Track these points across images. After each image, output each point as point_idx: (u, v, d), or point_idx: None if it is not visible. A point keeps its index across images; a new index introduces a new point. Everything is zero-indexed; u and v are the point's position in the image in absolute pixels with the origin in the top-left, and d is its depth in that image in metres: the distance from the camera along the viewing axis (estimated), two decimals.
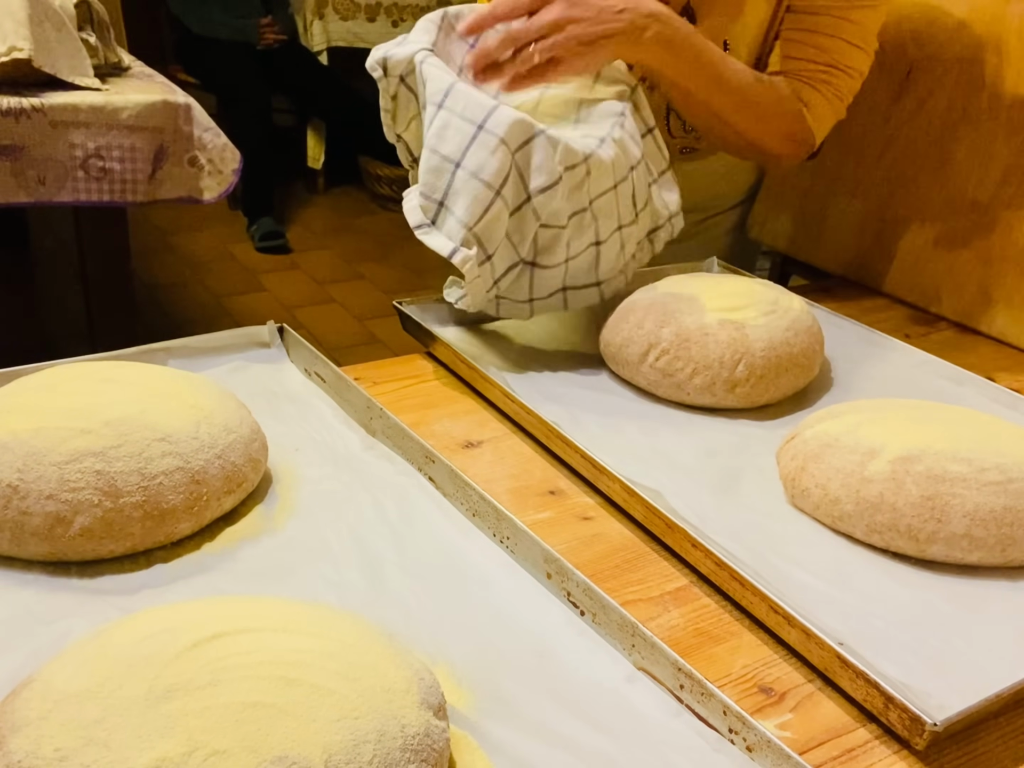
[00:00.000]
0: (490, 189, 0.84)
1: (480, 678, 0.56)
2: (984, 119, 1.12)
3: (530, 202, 0.87)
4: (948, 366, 0.96)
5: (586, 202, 0.90)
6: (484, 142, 0.83)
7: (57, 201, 1.58)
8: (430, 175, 0.86)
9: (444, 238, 0.86)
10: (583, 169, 0.88)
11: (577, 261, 0.92)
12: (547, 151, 0.85)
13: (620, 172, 0.92)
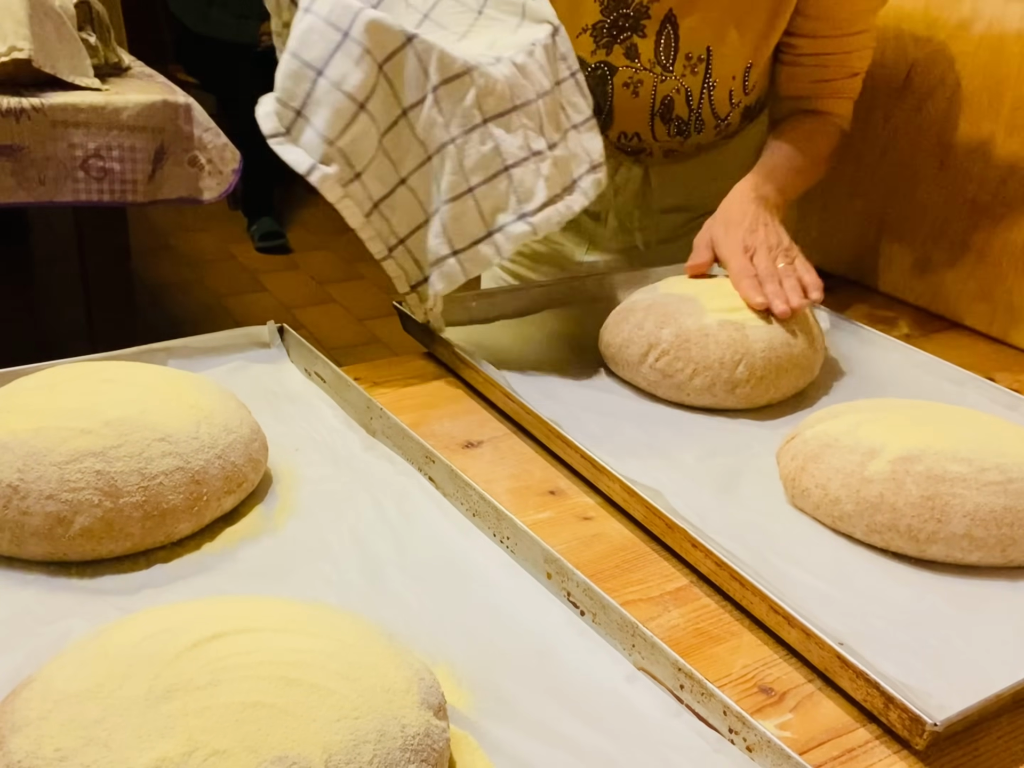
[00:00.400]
0: (353, 102, 0.80)
1: (480, 678, 0.56)
2: (984, 119, 1.12)
3: (406, 117, 0.82)
4: (948, 366, 0.96)
5: (478, 119, 0.84)
6: (348, 50, 0.79)
7: (57, 201, 1.58)
8: (289, 80, 0.81)
9: (301, 152, 0.81)
10: (467, 81, 0.82)
11: (486, 189, 0.86)
12: (418, 61, 0.81)
13: (522, 95, 0.86)
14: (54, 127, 1.52)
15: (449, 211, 0.85)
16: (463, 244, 0.86)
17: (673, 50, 1.03)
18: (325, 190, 0.82)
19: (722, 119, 1.08)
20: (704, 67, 1.03)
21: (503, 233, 0.87)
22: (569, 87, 0.93)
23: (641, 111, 1.07)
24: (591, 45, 1.04)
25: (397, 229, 0.88)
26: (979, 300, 1.12)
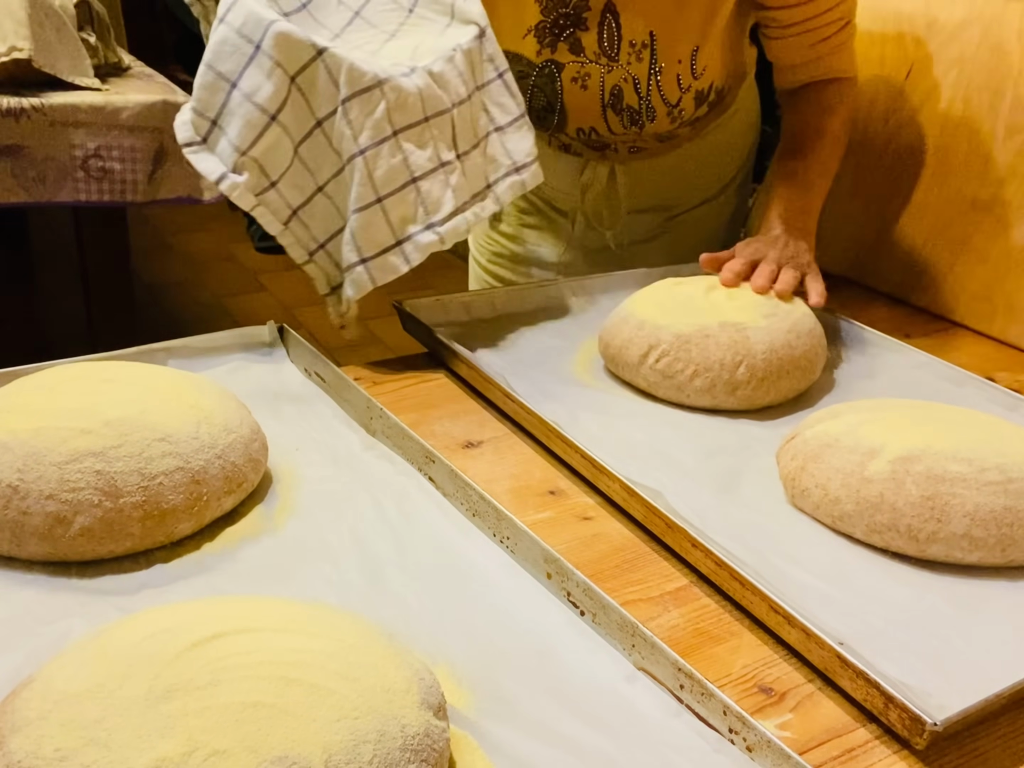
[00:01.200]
0: (264, 114, 0.82)
1: (480, 678, 0.56)
2: (984, 119, 1.12)
3: (320, 128, 0.84)
4: (948, 367, 0.96)
5: (388, 131, 0.85)
6: (260, 63, 0.81)
7: (57, 201, 1.58)
8: (204, 92, 0.83)
9: (214, 161, 0.83)
10: (377, 94, 0.84)
11: (395, 200, 0.87)
12: (328, 74, 0.82)
13: (435, 105, 0.88)
14: (54, 127, 1.52)
15: (358, 220, 0.86)
16: (371, 252, 0.88)
17: (616, 39, 1.03)
18: (236, 198, 0.83)
19: (673, 105, 1.07)
20: (649, 53, 1.03)
21: (412, 243, 0.89)
22: (496, 88, 0.94)
23: (592, 104, 1.07)
24: (536, 45, 1.04)
25: (316, 234, 0.90)
26: (979, 300, 1.12)
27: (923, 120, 1.17)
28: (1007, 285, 1.10)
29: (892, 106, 1.20)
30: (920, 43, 1.18)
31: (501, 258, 1.28)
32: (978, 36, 1.12)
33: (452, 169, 0.90)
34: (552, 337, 0.99)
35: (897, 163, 1.20)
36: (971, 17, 1.13)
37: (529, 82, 1.07)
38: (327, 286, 0.93)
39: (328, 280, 0.93)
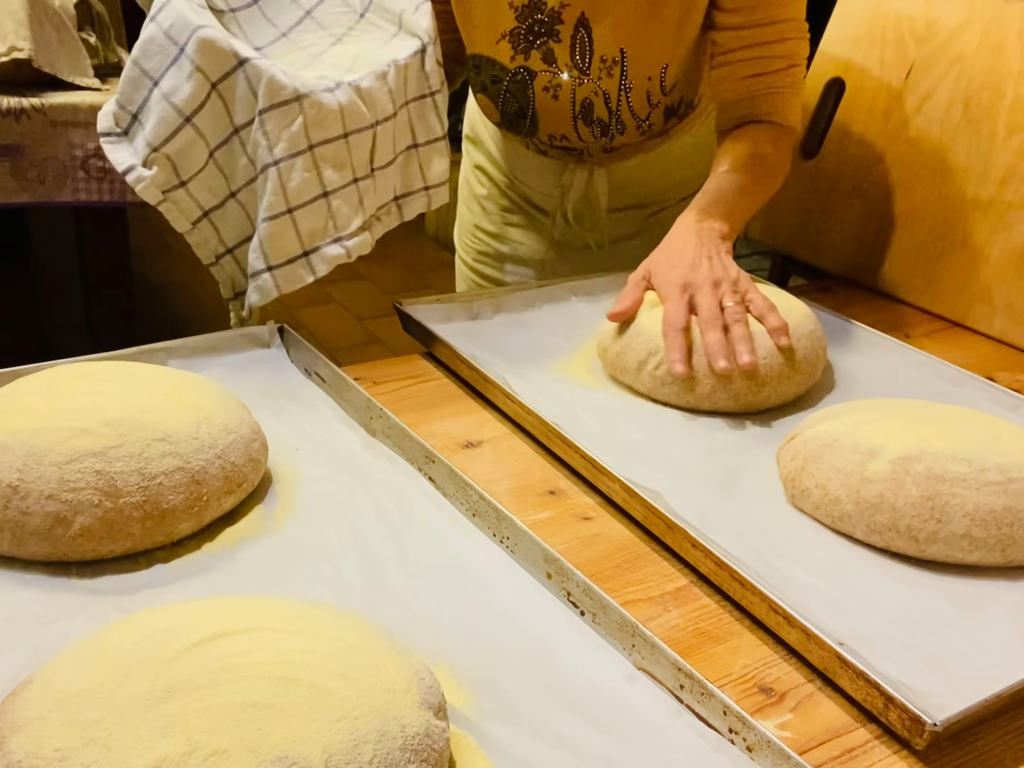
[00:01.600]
0: (180, 114, 0.84)
1: (480, 678, 0.56)
2: (984, 119, 1.12)
3: (238, 135, 0.86)
4: (948, 366, 0.96)
5: (304, 145, 0.87)
6: (181, 65, 0.83)
7: (57, 201, 1.58)
8: (128, 86, 0.86)
9: (127, 153, 0.86)
10: (296, 109, 0.85)
11: (305, 212, 0.89)
12: (248, 84, 0.84)
13: (356, 122, 0.89)
14: (54, 127, 1.52)
15: (267, 229, 0.88)
16: (279, 261, 0.89)
17: (588, 53, 1.03)
18: (141, 191, 0.85)
19: (642, 120, 1.07)
20: (619, 69, 1.03)
21: (319, 254, 0.90)
22: (427, 105, 0.96)
23: (563, 114, 1.07)
24: (510, 51, 1.05)
25: (225, 239, 0.92)
26: (979, 300, 1.12)
27: (923, 120, 1.17)
28: (1007, 285, 1.10)
29: (892, 106, 1.20)
30: (920, 43, 1.18)
31: (486, 256, 1.29)
32: (978, 36, 1.12)
33: (367, 187, 0.92)
34: (552, 337, 0.99)
35: (897, 163, 1.20)
36: (971, 17, 1.13)
37: (502, 87, 1.07)
38: (231, 291, 0.95)
39: (233, 285, 0.95)
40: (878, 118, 1.22)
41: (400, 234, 1.68)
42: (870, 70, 1.22)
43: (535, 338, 0.98)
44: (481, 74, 1.08)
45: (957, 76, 1.14)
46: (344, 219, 0.91)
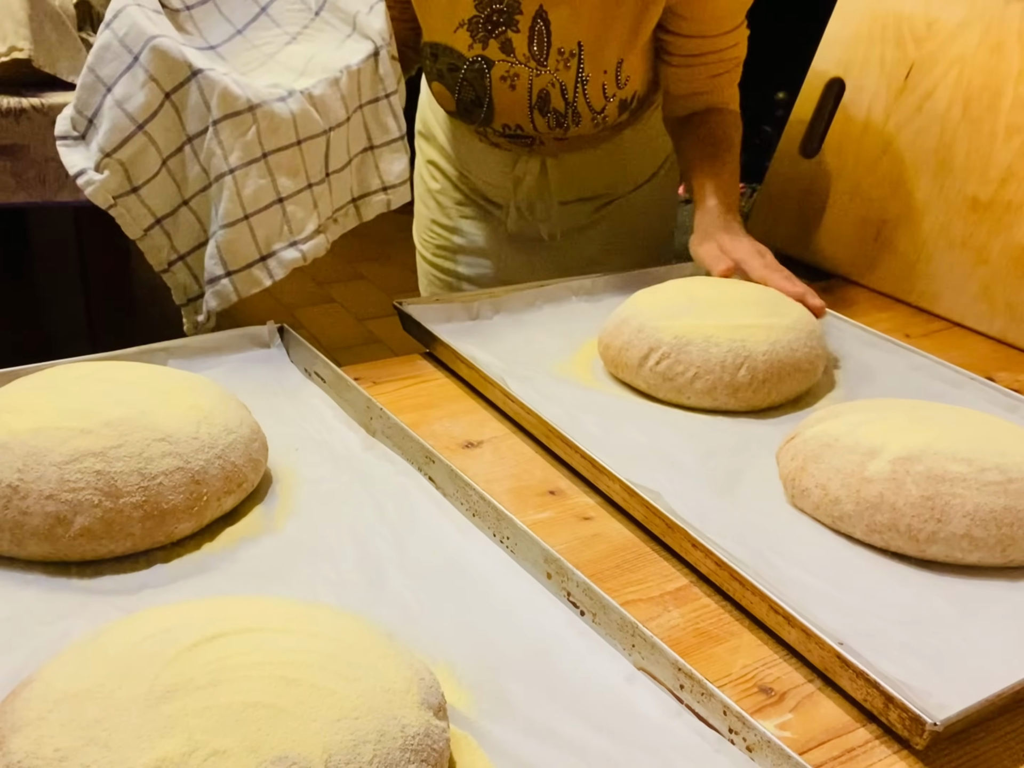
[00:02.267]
0: (132, 122, 0.85)
1: (480, 678, 0.56)
2: (984, 119, 1.12)
3: (191, 144, 0.87)
4: (948, 367, 0.96)
5: (258, 153, 0.88)
6: (135, 74, 0.84)
7: (57, 201, 1.58)
8: (83, 92, 0.87)
9: (80, 156, 0.87)
10: (249, 119, 0.87)
11: (261, 218, 0.90)
12: (200, 95, 0.85)
13: (309, 129, 0.90)
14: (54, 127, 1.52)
15: (224, 236, 0.89)
16: (237, 266, 0.91)
17: (546, 45, 1.04)
18: (91, 194, 0.87)
19: (598, 112, 1.09)
20: (576, 62, 1.05)
21: (276, 258, 0.92)
22: (382, 107, 0.97)
23: (520, 104, 1.08)
24: (468, 39, 1.05)
25: (178, 246, 0.93)
26: (979, 300, 1.12)
27: (923, 120, 1.17)
28: (1007, 285, 1.10)
29: (892, 106, 1.20)
30: (920, 43, 1.18)
31: (445, 251, 1.30)
32: (978, 36, 1.12)
33: (321, 192, 0.94)
34: (552, 337, 0.99)
35: (897, 163, 1.20)
36: (971, 17, 1.13)
37: (459, 75, 1.08)
38: (183, 296, 0.96)
39: (185, 291, 0.96)
40: (878, 118, 1.22)
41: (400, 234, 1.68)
42: (870, 70, 1.22)
43: (535, 338, 0.98)
44: (438, 62, 1.09)
45: (957, 76, 1.14)
46: (299, 223, 0.93)
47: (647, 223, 1.28)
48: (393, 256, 3.53)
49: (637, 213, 1.27)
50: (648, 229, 1.29)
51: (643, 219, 1.28)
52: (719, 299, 0.91)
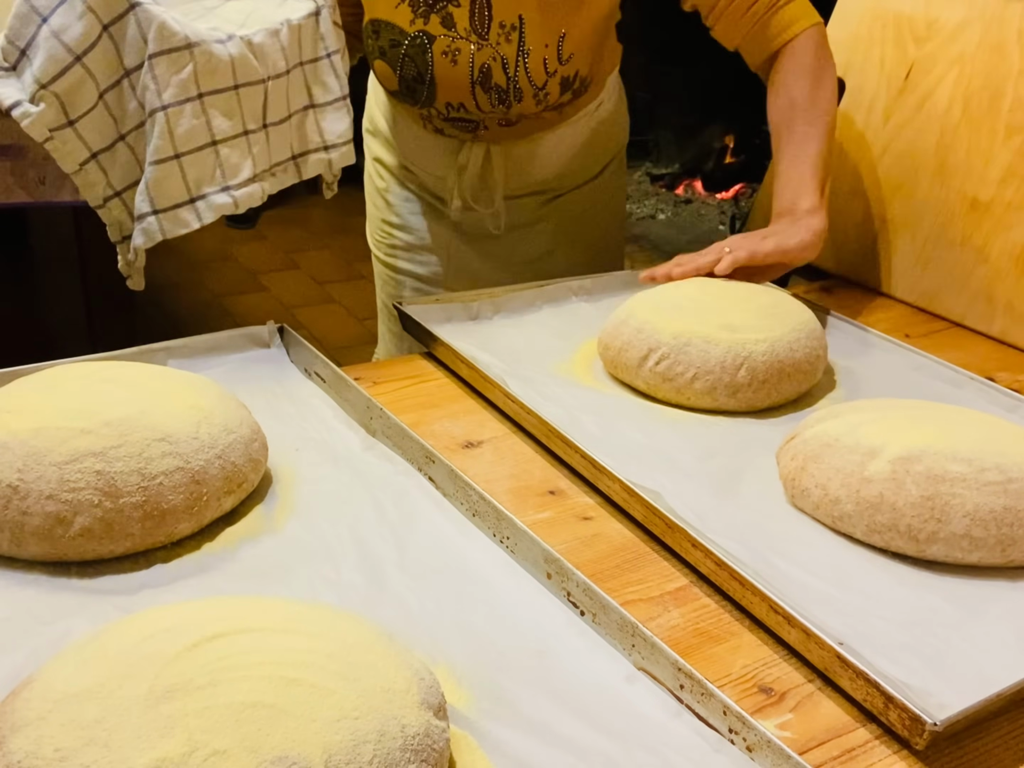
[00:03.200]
0: (70, 53, 0.84)
1: (480, 678, 0.56)
2: (984, 119, 1.12)
3: (128, 78, 0.86)
4: (948, 367, 0.96)
5: (193, 92, 0.87)
6: (72, 4, 0.84)
7: (57, 201, 1.58)
8: (17, 21, 0.86)
9: (14, 88, 0.86)
10: (187, 56, 0.86)
11: (193, 159, 0.89)
12: (138, 28, 0.85)
13: (247, 75, 0.90)
14: None
15: (153, 173, 0.88)
16: (164, 205, 0.89)
17: (487, 19, 1.03)
18: (27, 127, 0.86)
19: (539, 88, 1.08)
20: (518, 35, 1.04)
21: (205, 202, 0.91)
22: (323, 67, 0.97)
23: (461, 79, 1.07)
24: (409, 15, 1.05)
25: (113, 181, 0.92)
26: (979, 300, 1.12)
27: (923, 120, 1.17)
28: (1007, 285, 1.10)
29: (892, 106, 1.20)
30: (920, 43, 1.18)
31: (397, 249, 1.29)
32: (978, 36, 1.12)
33: (257, 140, 0.93)
34: (552, 337, 0.99)
35: (897, 163, 1.20)
36: (971, 17, 1.13)
37: (400, 51, 1.07)
38: (119, 234, 0.95)
39: (120, 228, 0.94)
40: (878, 118, 1.22)
41: None
42: (870, 70, 1.22)
43: (535, 338, 0.98)
44: (380, 39, 1.08)
45: (957, 76, 1.14)
46: (232, 168, 0.92)
47: (596, 218, 1.27)
48: None
49: (585, 208, 1.26)
50: (597, 225, 1.28)
51: (591, 214, 1.27)
52: (719, 300, 0.91)
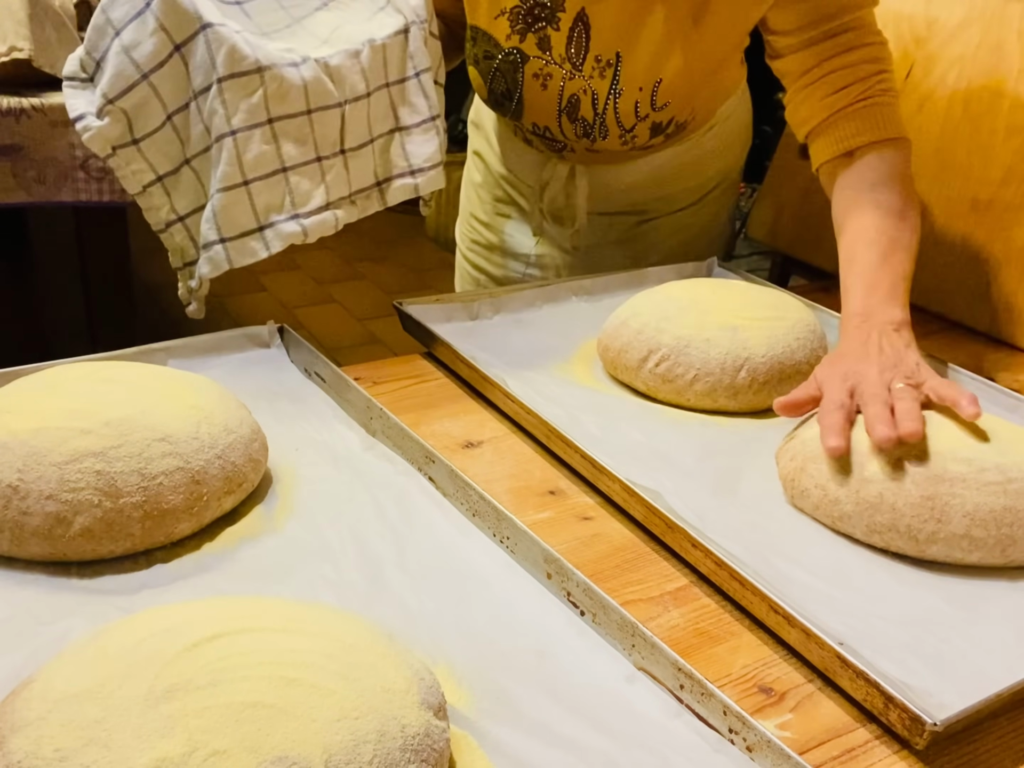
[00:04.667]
0: (137, 70, 0.83)
1: (480, 678, 0.56)
2: (984, 119, 1.12)
3: (196, 101, 0.85)
4: (948, 368, 0.96)
5: (263, 118, 0.85)
6: (145, 20, 0.83)
7: (57, 201, 1.58)
8: (94, 33, 0.86)
9: (83, 100, 0.85)
10: (257, 80, 0.84)
11: (262, 186, 0.87)
12: (207, 50, 0.83)
13: (321, 99, 0.87)
14: (54, 127, 1.52)
15: (220, 200, 0.86)
16: (232, 234, 0.87)
17: (584, 49, 1.01)
18: (88, 140, 0.84)
19: (627, 130, 1.04)
20: (612, 72, 1.01)
21: (274, 230, 0.88)
22: (411, 87, 0.93)
23: (549, 105, 1.05)
24: (507, 29, 1.03)
25: (177, 206, 0.90)
26: (979, 300, 1.12)
27: (923, 120, 1.17)
28: (1007, 285, 1.10)
29: None
30: (920, 43, 1.18)
31: (478, 246, 1.28)
32: (978, 36, 1.12)
33: (331, 165, 0.90)
34: (552, 337, 0.99)
35: None
36: (971, 17, 1.13)
37: (493, 64, 1.05)
38: (180, 260, 0.93)
39: (182, 255, 0.93)
40: None
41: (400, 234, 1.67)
42: None
43: (535, 338, 0.98)
44: (476, 46, 1.06)
45: (957, 76, 1.14)
46: (303, 196, 0.89)
47: (686, 245, 1.20)
48: (393, 256, 3.53)
49: (676, 234, 1.20)
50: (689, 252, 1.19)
51: (682, 241, 1.20)
52: (718, 301, 0.91)
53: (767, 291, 0.96)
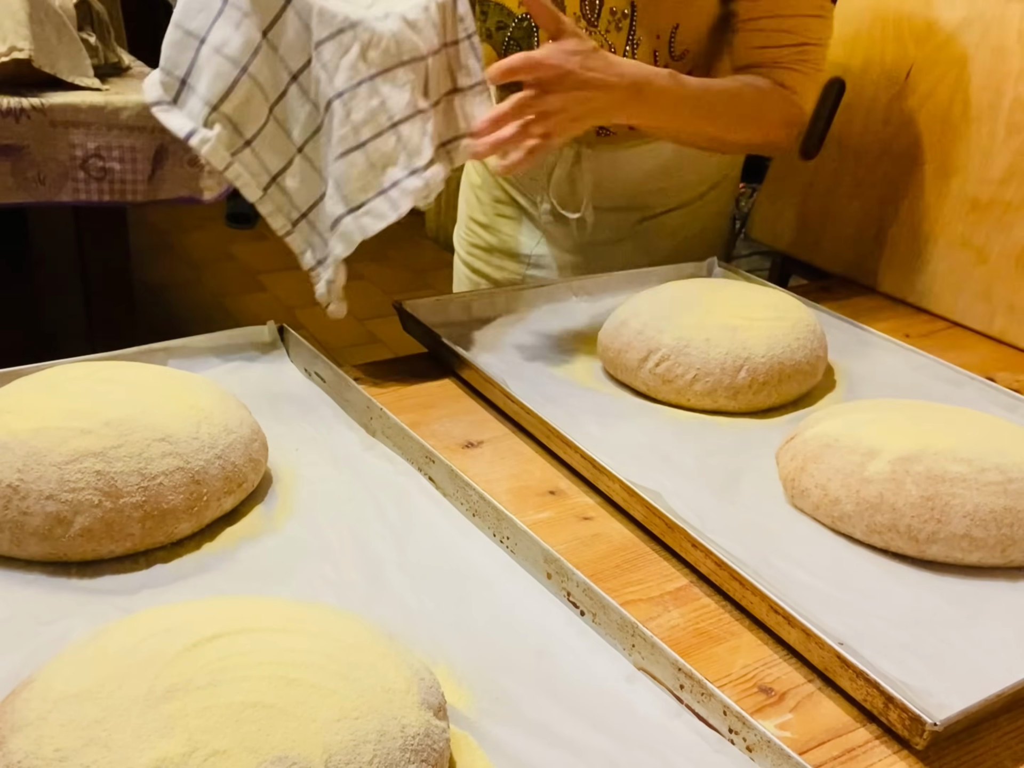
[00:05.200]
0: (235, 65, 0.82)
1: (480, 678, 0.56)
2: (984, 119, 1.12)
3: (296, 83, 0.84)
4: (948, 367, 0.96)
5: (364, 73, 0.83)
6: (228, 16, 0.81)
7: (57, 201, 1.58)
8: (172, 50, 0.83)
9: (184, 118, 0.83)
10: (351, 36, 0.82)
11: (376, 144, 0.84)
12: (299, 21, 0.82)
13: (411, 51, 0.86)
14: (54, 127, 1.52)
15: (341, 168, 0.84)
16: (358, 200, 0.85)
17: (598, 4, 1.01)
18: (208, 153, 0.82)
19: None
20: (628, 23, 1.01)
21: (398, 188, 0.86)
22: (464, 48, 0.92)
23: None
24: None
25: (298, 202, 0.88)
26: (979, 300, 1.12)
27: (923, 120, 1.17)
28: (1007, 285, 1.10)
29: (892, 106, 1.20)
30: (920, 43, 1.18)
31: (477, 249, 1.28)
32: (978, 36, 1.12)
33: (427, 117, 0.88)
34: (552, 337, 0.99)
35: (897, 163, 1.20)
36: (971, 17, 1.13)
37: (507, 33, 1.05)
38: (312, 259, 0.91)
39: (313, 252, 0.91)
40: (878, 118, 1.22)
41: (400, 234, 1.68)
42: (870, 70, 1.23)
43: (535, 338, 0.98)
44: (488, 20, 1.05)
45: (957, 76, 1.14)
46: (415, 148, 0.86)
47: (690, 245, 1.21)
48: (393, 256, 3.53)
49: (678, 232, 1.21)
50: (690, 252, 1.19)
51: (684, 238, 1.21)
52: (718, 301, 0.91)
53: (767, 291, 0.96)
